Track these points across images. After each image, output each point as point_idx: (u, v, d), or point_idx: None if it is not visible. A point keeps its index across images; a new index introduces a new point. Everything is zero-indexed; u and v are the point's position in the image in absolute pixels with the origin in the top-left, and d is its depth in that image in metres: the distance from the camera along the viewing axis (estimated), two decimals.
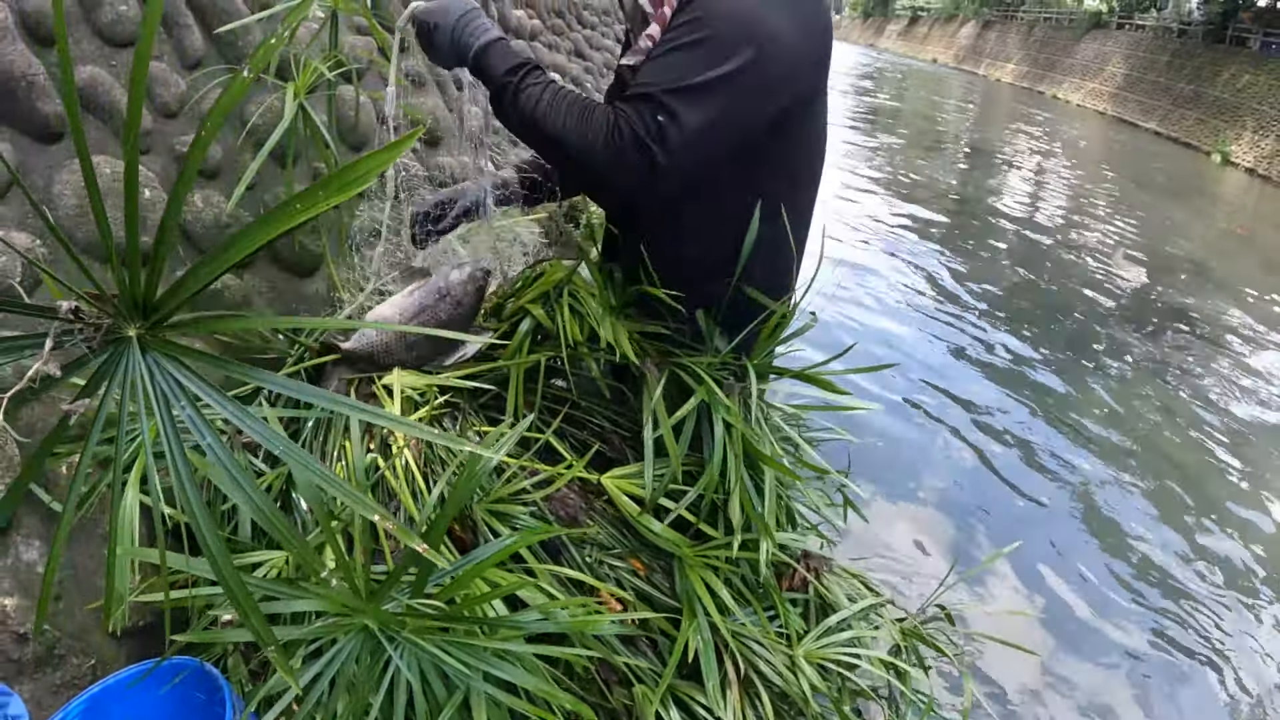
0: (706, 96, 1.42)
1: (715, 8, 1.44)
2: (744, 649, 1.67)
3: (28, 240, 1.73)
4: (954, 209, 10.39)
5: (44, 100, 1.85)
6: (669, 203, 1.65)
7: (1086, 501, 4.02)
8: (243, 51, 2.43)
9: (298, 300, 2.42)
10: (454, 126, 3.65)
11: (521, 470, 1.67)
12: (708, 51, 1.42)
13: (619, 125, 1.43)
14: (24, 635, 1.47)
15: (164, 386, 0.82)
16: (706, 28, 1.42)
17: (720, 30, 1.42)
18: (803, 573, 1.99)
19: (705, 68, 1.41)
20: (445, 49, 1.59)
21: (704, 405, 1.71)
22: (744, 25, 1.43)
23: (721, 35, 1.42)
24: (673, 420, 1.66)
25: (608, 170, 1.47)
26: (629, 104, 1.45)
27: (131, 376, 0.82)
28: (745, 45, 1.42)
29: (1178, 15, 26.80)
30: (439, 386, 1.74)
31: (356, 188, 0.77)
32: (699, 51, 1.42)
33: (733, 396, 1.74)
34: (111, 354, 0.83)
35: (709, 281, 1.75)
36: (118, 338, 0.84)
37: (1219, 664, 3.02)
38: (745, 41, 1.42)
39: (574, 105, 1.49)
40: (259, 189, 2.34)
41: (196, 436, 0.81)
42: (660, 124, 1.41)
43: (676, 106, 1.41)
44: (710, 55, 1.42)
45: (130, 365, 0.82)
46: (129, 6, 2.14)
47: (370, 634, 1.08)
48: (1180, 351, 6.29)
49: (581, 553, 1.65)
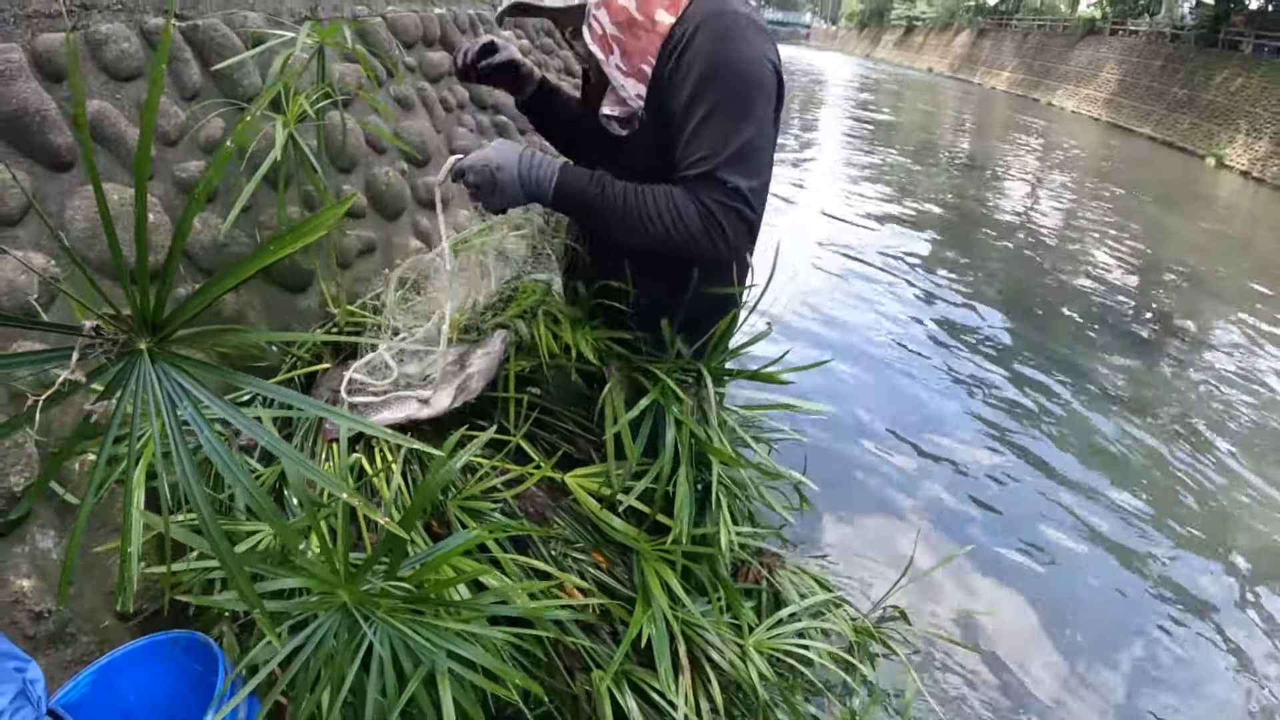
0: (756, 146, 1.54)
1: (719, 61, 1.52)
2: (696, 636, 1.82)
3: (43, 260, 1.89)
4: (948, 218, 10.48)
5: (56, 133, 2.01)
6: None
7: (1059, 503, 4.14)
8: (237, 83, 2.59)
9: (290, 315, 2.58)
10: (442, 147, 3.81)
11: (493, 470, 1.83)
12: (735, 108, 1.52)
13: (710, 210, 1.54)
14: (40, 614, 1.64)
15: (170, 391, 0.98)
16: (722, 84, 1.52)
17: (735, 84, 1.52)
18: (757, 568, 2.15)
19: (741, 125, 1.52)
20: (513, 190, 1.66)
21: (660, 407, 1.84)
22: (750, 69, 1.53)
23: (737, 89, 1.52)
24: (628, 417, 1.77)
25: (712, 248, 1.57)
26: (704, 186, 1.54)
27: (143, 383, 0.97)
28: (757, 88, 1.53)
29: (1170, 20, 26.92)
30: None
31: (314, 235, 0.93)
32: (729, 111, 1.52)
33: (688, 399, 1.87)
34: (126, 364, 0.99)
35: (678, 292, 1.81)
36: (131, 350, 0.99)
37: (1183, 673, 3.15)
38: (756, 85, 1.53)
39: (658, 198, 1.58)
40: (254, 211, 2.50)
41: (197, 433, 0.97)
42: (740, 190, 1.53)
43: (743, 171, 1.53)
44: (739, 111, 1.52)
45: (142, 374, 0.98)
46: (131, 44, 2.31)
47: (348, 612, 1.23)
48: (1165, 353, 6.42)
49: (548, 547, 1.80)
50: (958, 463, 4.46)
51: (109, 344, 0.99)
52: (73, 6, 2.23)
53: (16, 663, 1.37)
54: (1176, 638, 3.31)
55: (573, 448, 1.99)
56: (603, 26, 1.57)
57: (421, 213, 3.50)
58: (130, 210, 2.08)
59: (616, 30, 1.56)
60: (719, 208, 1.54)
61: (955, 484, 4.23)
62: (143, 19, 2.40)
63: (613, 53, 1.58)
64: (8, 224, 1.88)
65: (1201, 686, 3.06)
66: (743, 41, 1.53)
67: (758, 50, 1.54)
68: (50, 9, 2.18)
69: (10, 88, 1.94)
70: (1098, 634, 3.27)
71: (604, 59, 1.58)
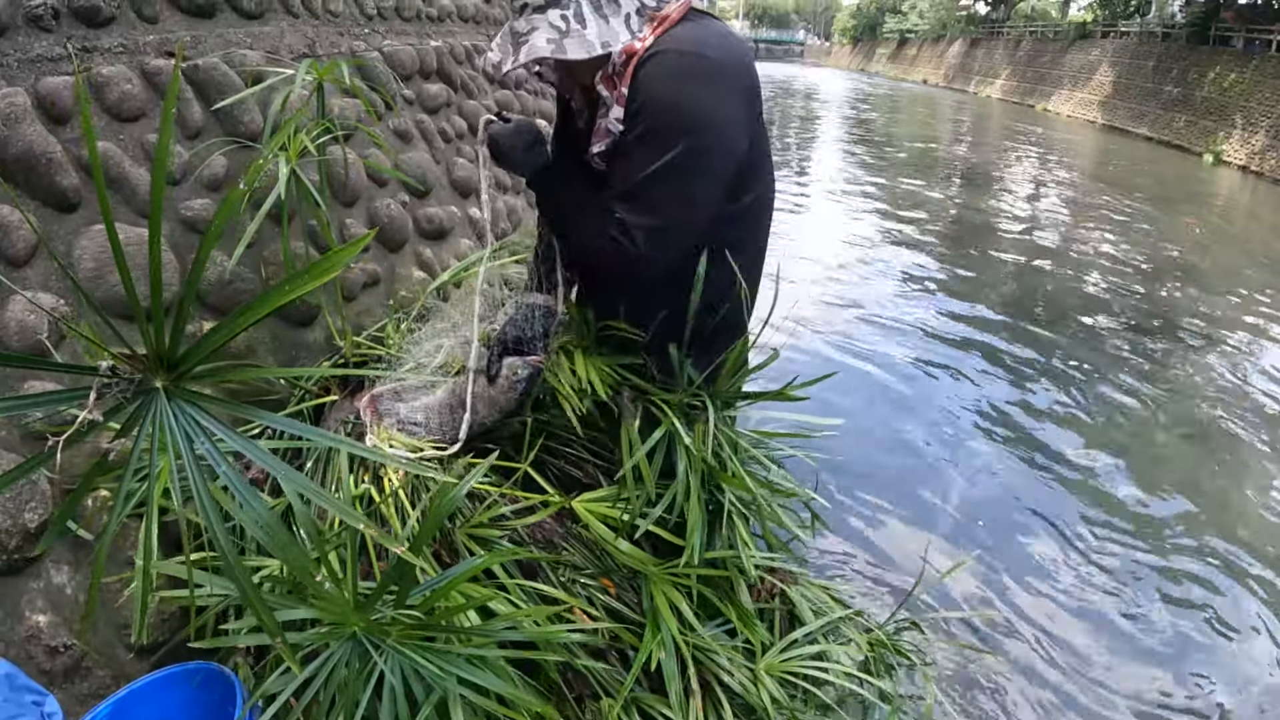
0: (657, 188, 1.57)
1: (653, 96, 1.53)
2: (707, 660, 1.83)
3: (52, 300, 1.92)
4: (950, 227, 10.52)
5: (62, 174, 2.05)
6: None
7: (1070, 506, 4.14)
8: (238, 120, 2.63)
9: (297, 348, 2.61)
10: (442, 178, 3.85)
11: (502, 498, 1.85)
12: (650, 147, 1.54)
13: (605, 229, 1.64)
14: (55, 648, 1.67)
15: (186, 427, 1.01)
16: (647, 119, 1.54)
17: (658, 122, 1.53)
18: (771, 584, 2.16)
19: (649, 162, 1.54)
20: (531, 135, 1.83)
21: (672, 437, 1.85)
22: (678, 113, 1.53)
23: (658, 127, 1.53)
24: (644, 450, 1.78)
25: (597, 261, 1.76)
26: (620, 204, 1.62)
27: (159, 421, 1.00)
28: (682, 134, 1.52)
29: (1161, 19, 27.04)
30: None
31: (330, 275, 0.95)
32: (645, 149, 1.55)
33: (699, 427, 1.89)
34: (142, 403, 1.02)
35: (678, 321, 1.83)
36: (148, 389, 1.02)
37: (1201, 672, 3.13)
38: (683, 130, 1.52)
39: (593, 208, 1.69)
40: (258, 246, 2.53)
41: (214, 465, 1.00)
42: (624, 223, 1.60)
43: (632, 205, 1.60)
44: (652, 149, 1.54)
45: (158, 411, 1.01)
46: (133, 85, 2.35)
47: (359, 641, 1.25)
48: (1172, 353, 6.42)
49: (556, 573, 1.81)
50: (966, 469, 4.46)
51: (125, 383, 1.02)
52: (75, 50, 2.27)
53: (34, 696, 1.40)
54: (1205, 632, 3.30)
55: (581, 473, 2.01)
56: (612, 65, 1.59)
57: (424, 243, 3.53)
58: (136, 249, 2.12)
59: (620, 65, 1.58)
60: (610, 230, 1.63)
61: (965, 491, 4.24)
62: (144, 60, 2.44)
63: (615, 89, 1.60)
64: (16, 265, 1.91)
65: (1247, 688, 3.05)
66: (685, 82, 1.53)
67: (694, 95, 1.53)
68: (53, 53, 2.23)
69: (16, 130, 1.97)
70: (1120, 633, 3.26)
71: (607, 95, 1.61)
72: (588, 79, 1.65)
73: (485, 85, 4.91)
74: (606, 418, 2.03)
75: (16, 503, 1.67)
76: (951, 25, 45.07)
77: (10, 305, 1.83)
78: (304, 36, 3.31)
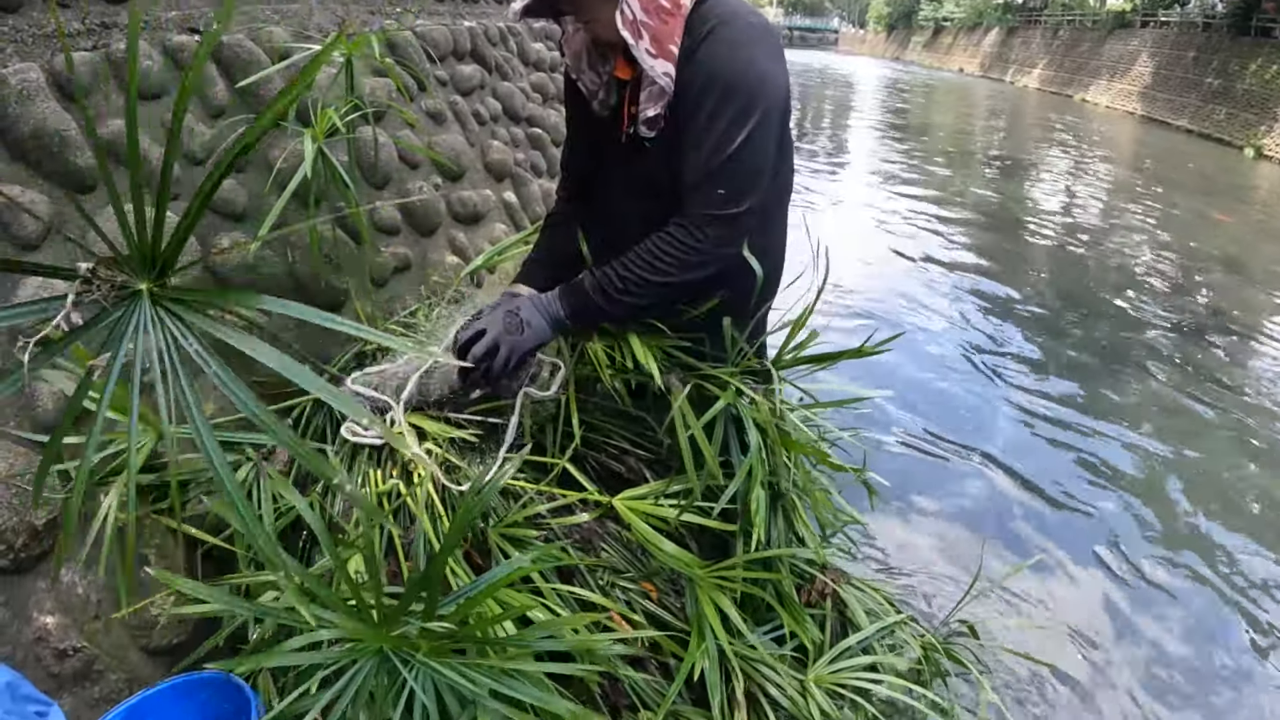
0: (744, 160, 1.58)
1: (718, 68, 1.55)
2: (752, 671, 1.70)
3: (65, 286, 1.82)
4: (986, 217, 10.32)
5: (75, 153, 1.95)
6: None
7: (1123, 506, 3.97)
8: (264, 100, 2.52)
9: (324, 335, 2.50)
10: (476, 161, 3.74)
11: (538, 495, 1.73)
12: (728, 121, 1.56)
13: (688, 227, 1.62)
14: (65, 651, 1.57)
15: (174, 330, 0.97)
16: (718, 93, 1.55)
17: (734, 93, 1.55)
18: (822, 581, 2.01)
19: (730, 139, 1.56)
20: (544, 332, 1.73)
21: (728, 414, 1.74)
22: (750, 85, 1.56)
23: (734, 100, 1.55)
24: (702, 421, 1.67)
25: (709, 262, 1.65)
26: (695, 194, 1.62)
27: (143, 327, 0.95)
28: (758, 102, 1.56)
29: (1201, 9, 26.51)
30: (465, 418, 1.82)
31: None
32: (719, 125, 1.56)
33: (762, 401, 1.77)
34: (125, 310, 0.97)
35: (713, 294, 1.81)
36: (132, 292, 0.97)
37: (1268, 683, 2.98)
38: (758, 98, 1.56)
39: (645, 262, 1.65)
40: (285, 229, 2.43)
41: (202, 366, 0.95)
42: (722, 196, 1.59)
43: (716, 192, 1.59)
44: (731, 124, 1.56)
45: (141, 318, 0.96)
46: (153, 62, 2.25)
47: (385, 656, 1.14)
48: (1219, 350, 6.21)
49: (594, 576, 1.69)
50: (1011, 465, 4.30)
51: (107, 286, 0.97)
52: (93, 25, 2.17)
53: (38, 706, 1.31)
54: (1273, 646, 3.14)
55: (622, 466, 1.89)
56: (632, 12, 1.55)
57: (457, 227, 3.42)
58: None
59: (645, 16, 1.56)
60: (702, 217, 1.61)
61: (1013, 488, 4.08)
62: (165, 36, 2.35)
63: (641, 38, 1.57)
64: (28, 248, 1.81)
65: None
66: (754, 49, 1.57)
67: (766, 63, 1.59)
68: (70, 28, 2.13)
69: (28, 107, 1.88)
70: (1180, 640, 3.11)
71: (633, 43, 1.57)
72: (609, 29, 1.60)
73: (520, 68, 4.79)
74: (645, 403, 1.92)
75: (23, 497, 1.57)
76: (988, 13, 44.33)
77: (20, 289, 1.74)
78: (333, 15, 3.21)
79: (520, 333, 1.69)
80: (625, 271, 1.67)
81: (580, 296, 1.72)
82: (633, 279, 1.66)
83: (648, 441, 1.94)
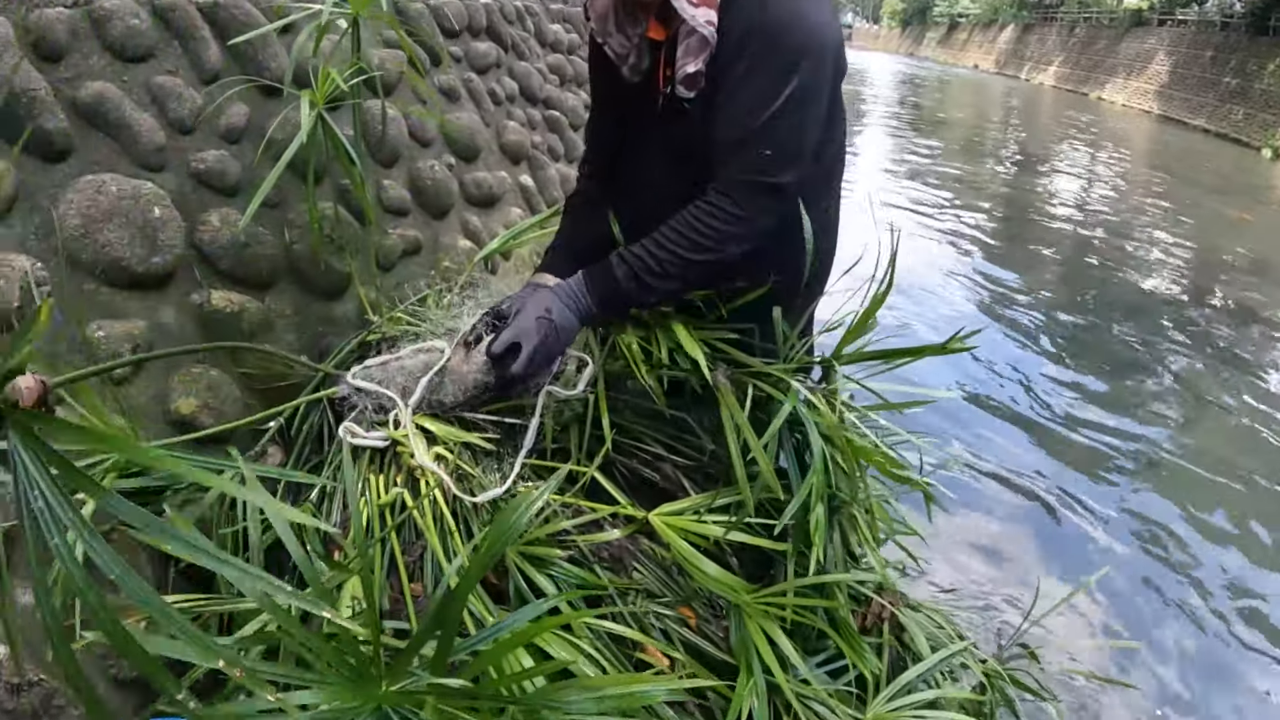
0: (793, 110, 1.44)
1: (763, 17, 1.42)
2: (803, 710, 1.48)
3: (27, 263, 1.61)
4: (1001, 218, 10.12)
5: (46, 117, 1.74)
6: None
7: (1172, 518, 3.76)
8: (261, 64, 2.31)
9: (324, 324, 2.29)
10: (491, 142, 3.53)
11: (563, 509, 1.52)
12: (768, 78, 1.43)
13: (731, 195, 1.48)
14: (19, 686, 1.35)
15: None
16: (761, 39, 1.42)
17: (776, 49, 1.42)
18: (879, 604, 1.78)
19: (783, 87, 1.42)
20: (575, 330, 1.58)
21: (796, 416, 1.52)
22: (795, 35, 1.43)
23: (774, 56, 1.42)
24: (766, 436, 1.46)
25: (749, 235, 1.50)
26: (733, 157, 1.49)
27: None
28: (804, 55, 1.43)
29: (1219, 8, 26.22)
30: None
31: None
32: (758, 81, 1.43)
33: (822, 403, 1.55)
34: None
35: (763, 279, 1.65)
36: None
37: None
38: (803, 51, 1.43)
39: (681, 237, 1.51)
40: (282, 208, 2.21)
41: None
42: (767, 157, 1.45)
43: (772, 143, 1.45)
44: (771, 81, 1.43)
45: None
46: (140, 20, 2.03)
47: (385, 715, 0.92)
48: (1245, 353, 5.99)
49: (625, 600, 1.48)
50: (1055, 476, 4.08)
51: None
52: None
53: None
54: None
55: (656, 474, 1.67)
56: None
57: (471, 210, 3.20)
58: (132, 204, 1.80)
59: None
60: (744, 184, 1.49)
61: (1055, 494, 3.87)
62: None
63: None
64: None
65: None
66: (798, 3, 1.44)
67: (816, 15, 1.45)
68: None
69: None
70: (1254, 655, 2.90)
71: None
72: None
73: (537, 48, 4.58)
74: (683, 402, 1.72)
75: None
76: (1003, 10, 43.98)
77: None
78: None
79: (556, 338, 1.52)
80: (660, 251, 1.50)
81: (610, 283, 1.55)
82: (669, 259, 1.50)
83: (686, 446, 1.73)
